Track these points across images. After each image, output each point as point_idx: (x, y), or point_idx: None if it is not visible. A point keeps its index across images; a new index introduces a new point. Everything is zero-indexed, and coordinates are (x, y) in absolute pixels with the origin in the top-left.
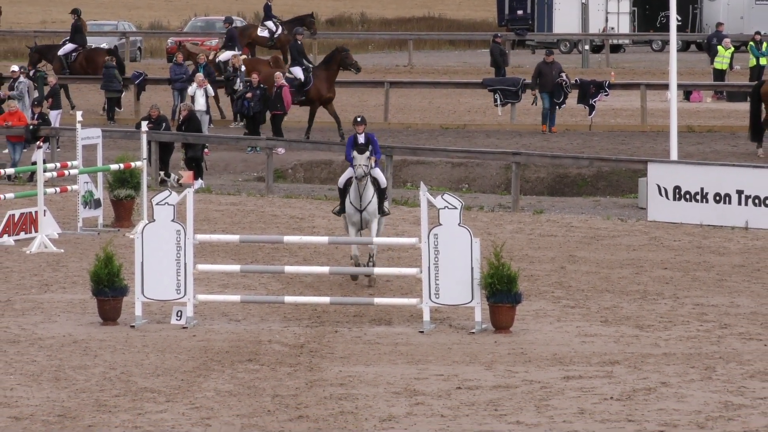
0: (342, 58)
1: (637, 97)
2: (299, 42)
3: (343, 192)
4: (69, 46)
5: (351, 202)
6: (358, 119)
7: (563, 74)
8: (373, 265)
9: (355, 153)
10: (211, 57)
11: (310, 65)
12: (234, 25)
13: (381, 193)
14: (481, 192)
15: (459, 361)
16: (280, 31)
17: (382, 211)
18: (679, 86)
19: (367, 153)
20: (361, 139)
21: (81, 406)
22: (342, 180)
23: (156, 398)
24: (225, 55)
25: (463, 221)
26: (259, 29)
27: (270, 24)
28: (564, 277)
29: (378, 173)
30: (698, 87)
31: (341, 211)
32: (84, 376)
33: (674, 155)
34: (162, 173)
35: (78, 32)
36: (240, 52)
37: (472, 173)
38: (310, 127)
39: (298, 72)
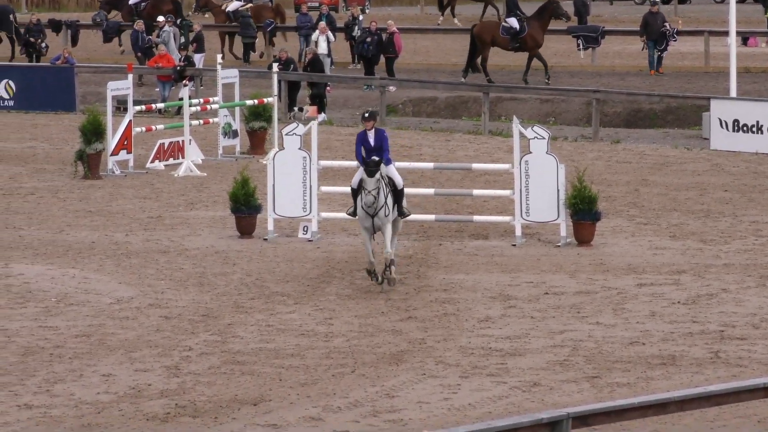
0: (554, 9)
1: (701, 42)
2: None
3: (356, 193)
4: None
5: (363, 206)
6: (366, 115)
7: (667, 23)
8: (390, 273)
9: (364, 176)
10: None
11: (524, 15)
12: None
13: (398, 194)
14: (565, 124)
15: (546, 271)
16: None
17: (401, 213)
18: (738, 33)
19: (378, 175)
20: (371, 135)
21: (221, 307)
22: (355, 180)
23: (286, 301)
24: (233, 5)
25: (550, 149)
26: None
27: None
28: (637, 198)
29: (393, 172)
30: (754, 34)
31: (354, 213)
32: (224, 282)
33: (733, 93)
34: (296, 108)
35: None
36: (244, 3)
37: (558, 108)
38: (528, 71)
39: (513, 22)
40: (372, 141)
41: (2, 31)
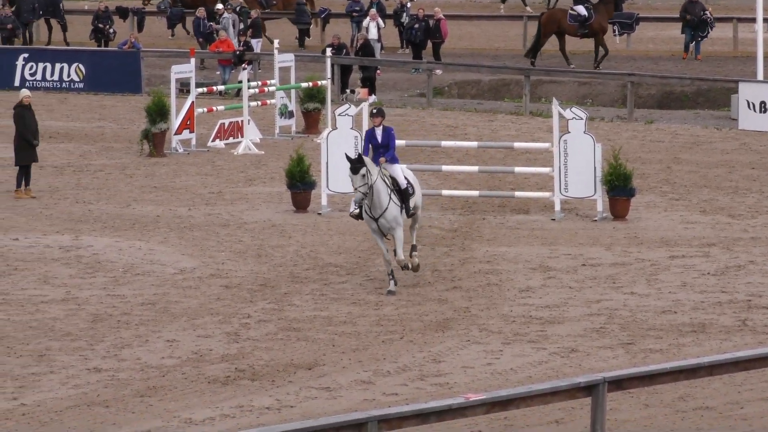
0: None
1: (731, 28)
2: None
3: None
4: None
5: (366, 210)
6: (374, 111)
7: (707, 11)
8: (395, 284)
9: (349, 173)
10: None
11: (591, 3)
12: None
13: (402, 194)
14: (602, 105)
15: (584, 243)
16: None
17: (407, 213)
18: (765, 20)
19: (363, 170)
20: (379, 131)
21: (278, 277)
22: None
23: (338, 271)
24: None
25: (587, 129)
26: None
27: None
28: (670, 175)
29: (397, 172)
30: None
31: (359, 215)
32: (280, 253)
33: (760, 76)
34: (348, 90)
35: None
36: None
37: (595, 90)
38: (599, 55)
39: (581, 9)
40: (379, 138)
41: (54, 19)
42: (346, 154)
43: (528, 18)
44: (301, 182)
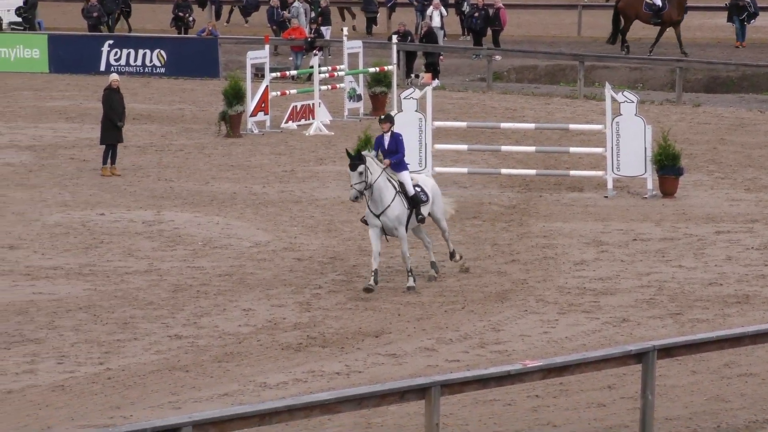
0: None
1: None
2: None
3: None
4: None
5: (368, 206)
6: (383, 117)
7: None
8: (414, 280)
9: (348, 170)
10: None
11: None
12: None
13: (413, 201)
14: (652, 89)
15: (635, 219)
16: None
17: (417, 218)
18: None
19: (361, 167)
20: (387, 137)
21: (347, 250)
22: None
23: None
24: None
25: (638, 112)
26: None
27: None
28: (716, 156)
29: (404, 178)
30: None
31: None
32: (349, 228)
33: None
34: (413, 75)
35: None
36: None
37: (645, 75)
38: (681, 44)
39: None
40: (387, 144)
41: (116, 9)
42: (346, 150)
43: (582, 7)
44: None
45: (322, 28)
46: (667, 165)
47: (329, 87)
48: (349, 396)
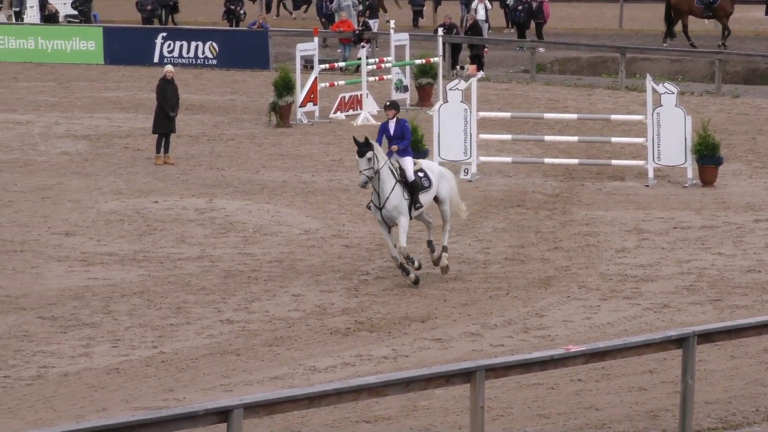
0: None
1: None
2: None
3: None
4: None
5: (373, 200)
6: (388, 104)
7: None
8: (418, 267)
9: (356, 157)
10: None
11: None
12: None
13: (411, 188)
14: (692, 81)
15: (675, 208)
16: None
17: (415, 205)
18: None
19: (369, 153)
20: (392, 124)
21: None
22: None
23: (449, 233)
24: None
25: (678, 103)
26: None
27: None
28: (754, 146)
29: (407, 164)
30: None
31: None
32: None
33: None
34: (458, 66)
35: None
36: None
37: (686, 67)
38: (724, 36)
39: None
40: (392, 130)
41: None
42: (354, 138)
43: (624, 0)
44: (415, 151)
45: (370, 21)
46: (707, 154)
47: (376, 78)
48: (396, 380)
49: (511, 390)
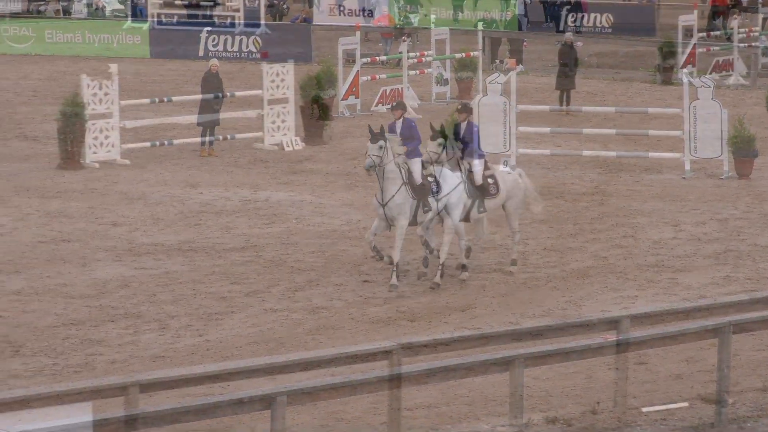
0: None
1: None
2: None
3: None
4: None
5: (377, 195)
6: (394, 104)
7: None
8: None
9: (368, 142)
10: None
11: None
12: None
13: (418, 191)
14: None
15: (711, 200)
16: None
17: (425, 210)
18: None
19: (381, 142)
20: (399, 124)
21: (435, 229)
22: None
23: (488, 225)
24: None
25: (714, 97)
26: None
27: None
28: None
29: (414, 167)
30: None
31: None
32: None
33: None
34: (497, 60)
35: None
36: None
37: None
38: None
39: None
40: (398, 130)
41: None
42: (369, 127)
43: None
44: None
45: (410, 16)
46: (743, 147)
47: (417, 72)
48: (437, 368)
49: (549, 378)
